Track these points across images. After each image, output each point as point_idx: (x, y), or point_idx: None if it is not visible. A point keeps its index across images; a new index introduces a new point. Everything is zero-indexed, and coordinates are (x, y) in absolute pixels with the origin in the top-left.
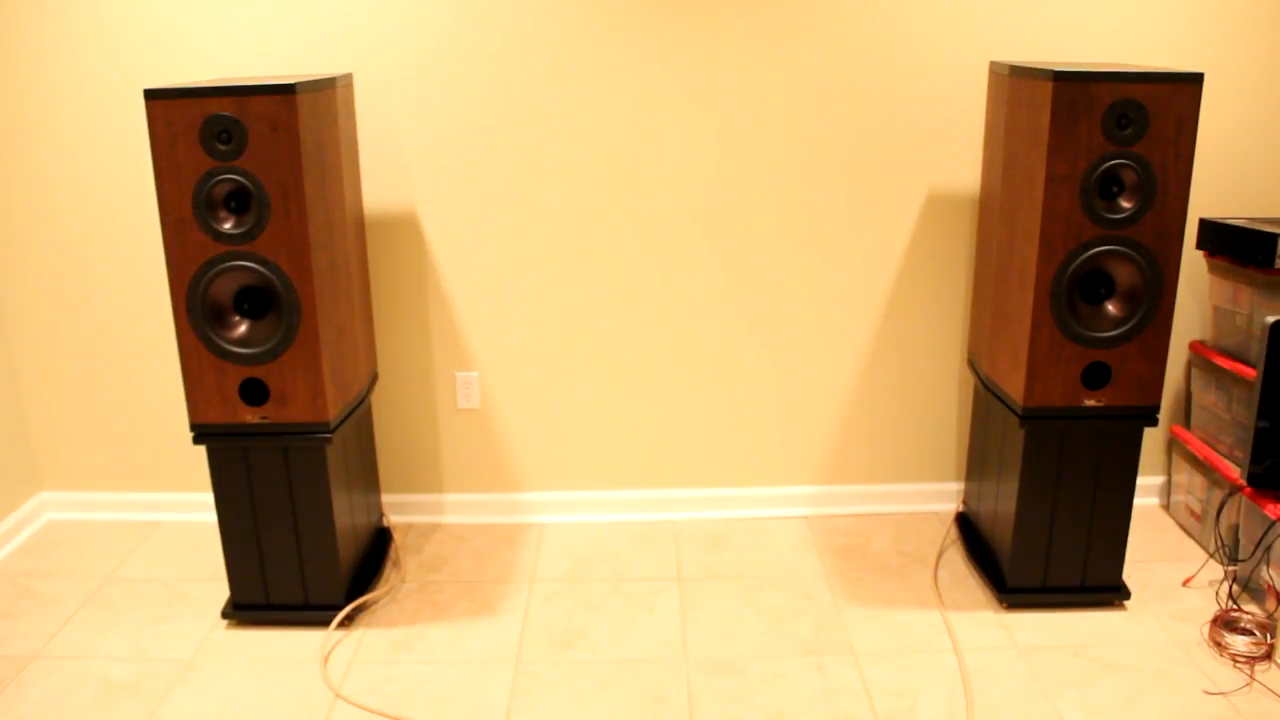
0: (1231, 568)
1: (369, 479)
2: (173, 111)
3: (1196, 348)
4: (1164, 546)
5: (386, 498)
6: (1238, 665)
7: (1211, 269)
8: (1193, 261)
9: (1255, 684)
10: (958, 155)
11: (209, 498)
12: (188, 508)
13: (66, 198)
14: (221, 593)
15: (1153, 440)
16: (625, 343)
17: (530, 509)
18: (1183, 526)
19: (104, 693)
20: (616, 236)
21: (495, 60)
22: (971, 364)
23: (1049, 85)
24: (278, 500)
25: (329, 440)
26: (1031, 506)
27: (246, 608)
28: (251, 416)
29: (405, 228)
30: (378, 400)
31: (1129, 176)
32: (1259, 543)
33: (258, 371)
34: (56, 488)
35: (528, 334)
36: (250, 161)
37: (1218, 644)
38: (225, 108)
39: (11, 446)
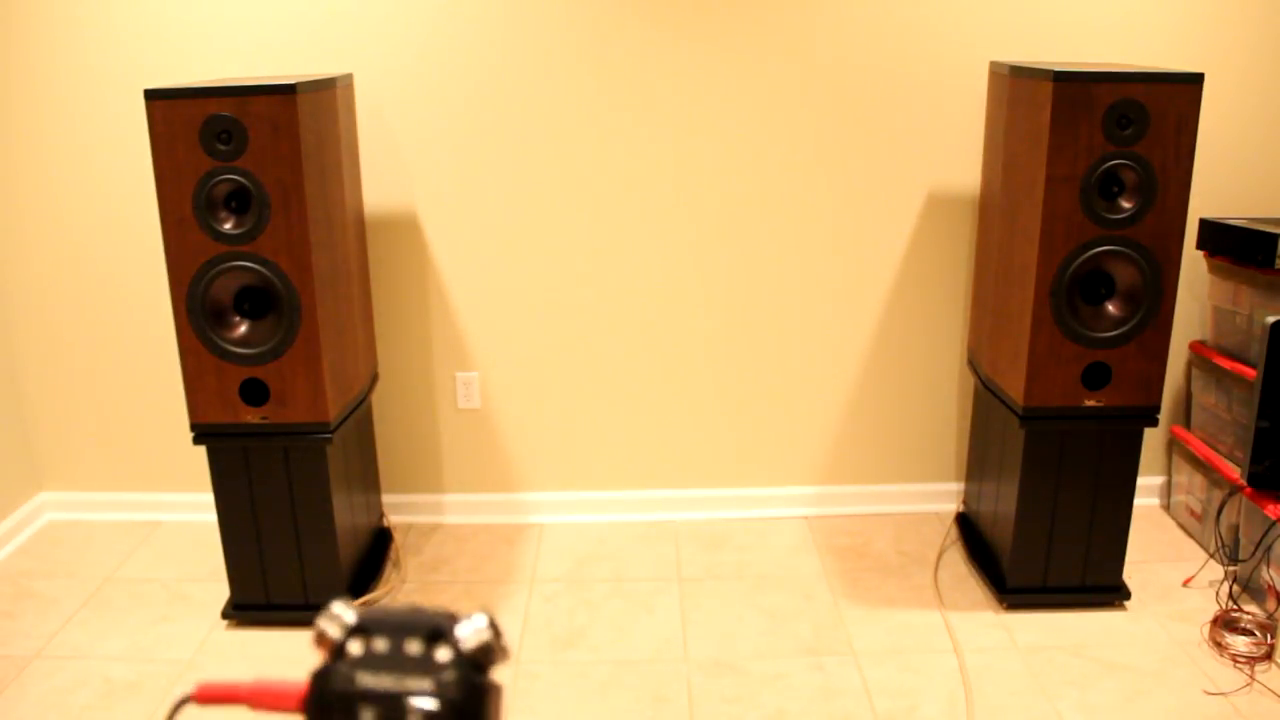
0: (1232, 568)
1: (369, 479)
2: (173, 111)
3: (1196, 348)
4: (1164, 546)
5: (386, 498)
6: (1238, 665)
7: (1211, 269)
8: (1193, 261)
9: (1255, 684)
10: (958, 155)
11: (209, 498)
12: (188, 508)
13: (67, 198)
14: (221, 593)
15: (1153, 440)
16: (626, 343)
17: (530, 509)
18: (1183, 526)
19: (104, 693)
20: (617, 236)
21: (496, 60)
22: (971, 364)
23: (1049, 85)
24: (278, 500)
25: (329, 440)
26: (1031, 506)
27: (246, 608)
28: (252, 417)
29: (405, 228)
30: (378, 400)
31: (1129, 176)
32: (1259, 543)
33: (258, 372)
34: (56, 488)
35: (528, 334)
36: (250, 161)
37: (1218, 644)
38: (225, 108)
39: (11, 446)
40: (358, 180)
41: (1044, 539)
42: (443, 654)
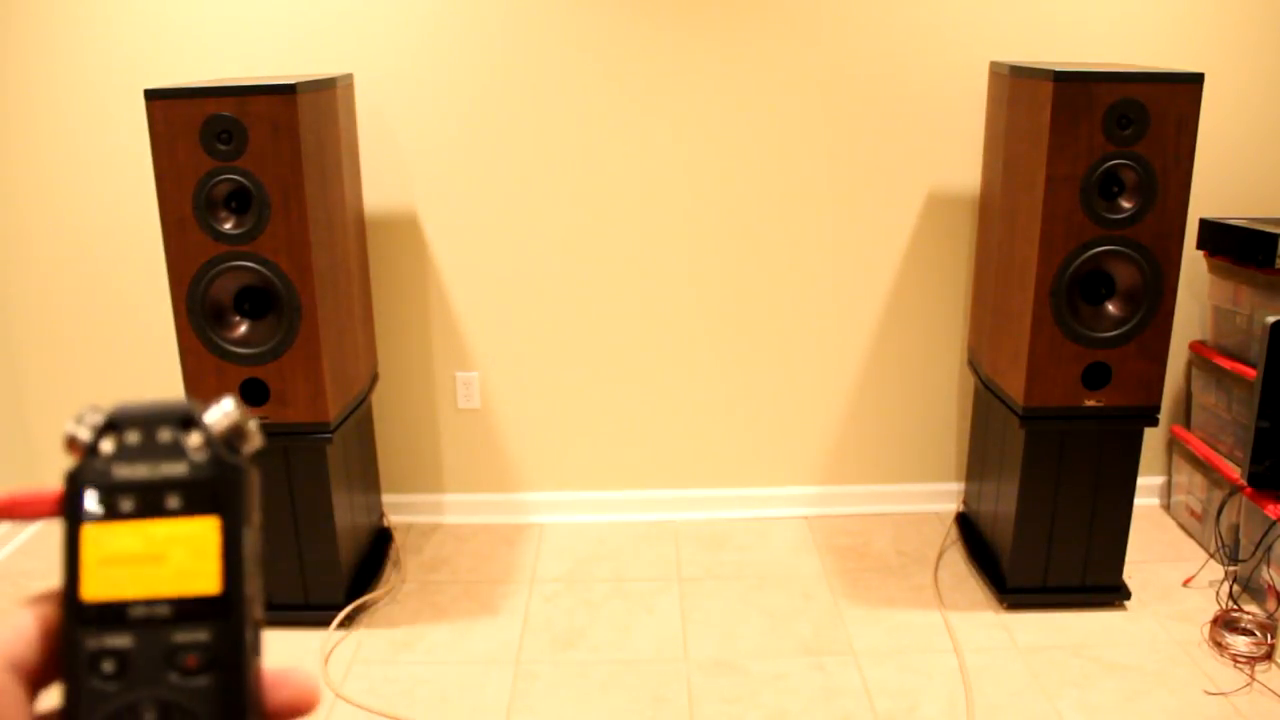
0: (1232, 568)
1: (369, 479)
2: (173, 111)
3: (1196, 348)
4: (1164, 546)
5: (386, 498)
6: (1238, 665)
7: (1211, 269)
8: (1193, 261)
9: (1255, 684)
10: (958, 155)
11: None
12: None
13: (68, 198)
14: None
15: (1153, 440)
16: (626, 342)
17: (530, 509)
18: (1183, 526)
19: None
20: (617, 236)
21: (495, 60)
22: (971, 364)
23: (1049, 85)
24: (278, 500)
25: (329, 440)
26: (1031, 506)
27: None
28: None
29: (405, 228)
30: (378, 400)
31: (1129, 176)
32: (1259, 543)
33: (258, 372)
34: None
35: (528, 334)
36: (250, 161)
37: (1218, 644)
38: (225, 108)
39: (11, 446)
40: (358, 180)
41: (1044, 539)
42: (194, 439)
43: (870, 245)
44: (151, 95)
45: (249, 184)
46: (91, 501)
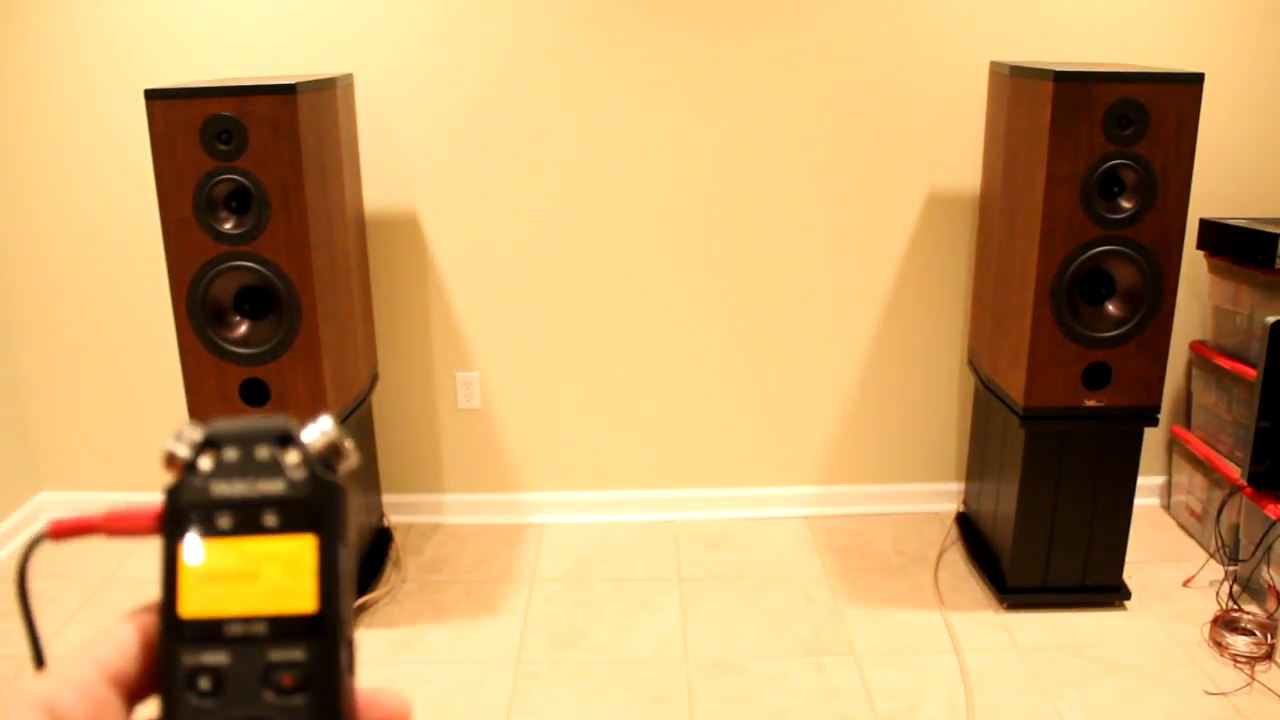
0: (1232, 568)
1: (369, 479)
2: (173, 111)
3: (1196, 348)
4: (1164, 546)
5: (386, 498)
6: (1238, 665)
7: (1211, 269)
8: (1193, 261)
9: (1255, 684)
10: (958, 155)
11: None
12: None
13: (68, 198)
14: None
15: (1153, 440)
16: (626, 343)
17: (530, 509)
18: (1183, 526)
19: None
20: (617, 236)
21: (495, 60)
22: (971, 364)
23: (1049, 85)
24: None
25: None
26: (1031, 506)
27: None
28: None
29: (405, 228)
30: (378, 400)
31: (1129, 176)
32: (1259, 543)
33: (258, 372)
34: (56, 488)
35: (528, 334)
36: (250, 161)
37: (1218, 644)
38: (225, 108)
39: (11, 446)
40: (358, 180)
41: (1044, 539)
42: (291, 457)
43: (870, 245)
44: (151, 95)
45: (249, 184)
46: (190, 518)
